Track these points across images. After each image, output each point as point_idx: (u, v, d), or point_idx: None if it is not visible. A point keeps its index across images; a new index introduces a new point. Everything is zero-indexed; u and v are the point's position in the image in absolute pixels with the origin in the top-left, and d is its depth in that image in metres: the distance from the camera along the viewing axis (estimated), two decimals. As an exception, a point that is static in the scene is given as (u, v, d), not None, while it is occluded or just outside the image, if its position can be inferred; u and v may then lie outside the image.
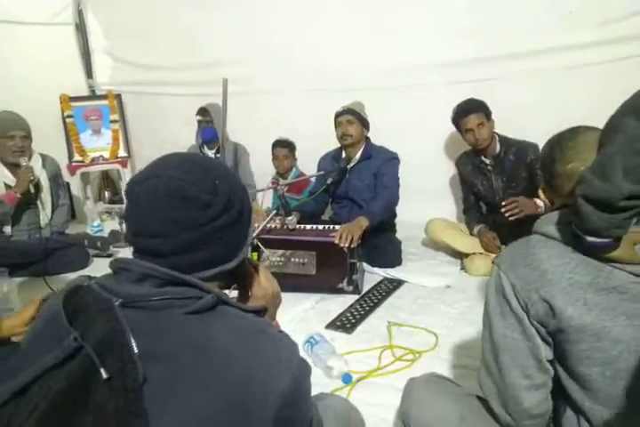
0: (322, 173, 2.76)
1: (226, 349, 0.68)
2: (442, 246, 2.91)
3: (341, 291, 2.33)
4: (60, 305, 0.70)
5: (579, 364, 0.92)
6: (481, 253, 2.64)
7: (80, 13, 4.12)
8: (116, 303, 0.68)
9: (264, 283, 0.98)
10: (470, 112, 2.56)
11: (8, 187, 2.69)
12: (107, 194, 4.29)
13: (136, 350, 0.63)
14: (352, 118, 2.64)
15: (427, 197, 3.10)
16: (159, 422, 0.61)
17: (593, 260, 0.90)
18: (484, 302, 1.05)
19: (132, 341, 0.64)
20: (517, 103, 3.02)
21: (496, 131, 2.69)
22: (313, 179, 3.13)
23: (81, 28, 4.16)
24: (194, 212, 0.74)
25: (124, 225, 3.17)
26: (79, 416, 0.61)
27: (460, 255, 2.79)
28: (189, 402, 0.63)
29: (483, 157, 2.67)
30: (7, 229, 2.72)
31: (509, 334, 0.98)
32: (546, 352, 0.97)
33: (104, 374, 0.61)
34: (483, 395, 1.08)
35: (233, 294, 0.95)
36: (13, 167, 2.71)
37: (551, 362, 0.98)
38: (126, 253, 2.99)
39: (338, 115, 2.68)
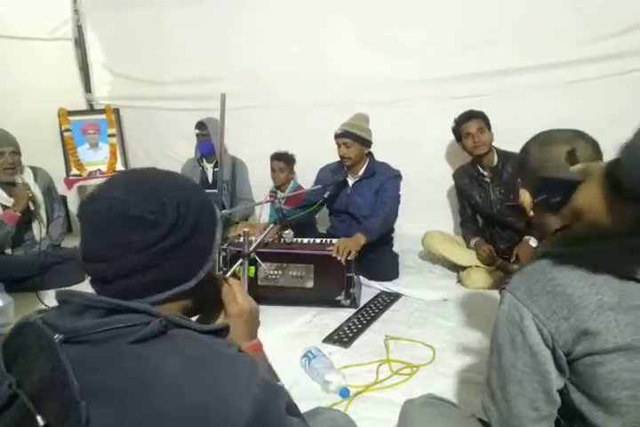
0: (319, 186, 2.77)
1: (174, 381, 0.63)
2: (438, 259, 2.92)
3: (339, 304, 2.33)
4: (3, 344, 0.67)
5: (607, 388, 0.88)
6: (477, 267, 2.66)
7: (79, 29, 4.18)
8: (57, 340, 0.64)
9: (240, 301, 0.91)
10: (471, 118, 2.64)
11: (5, 207, 2.66)
12: (104, 208, 4.28)
13: (78, 389, 0.60)
14: (349, 141, 2.64)
15: (424, 210, 3.11)
16: None
17: (614, 279, 0.88)
18: (492, 329, 1.00)
19: (73, 379, 0.61)
20: (516, 118, 3.07)
21: (494, 145, 2.73)
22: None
23: (80, 44, 4.21)
24: (138, 233, 0.70)
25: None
26: None
27: (456, 268, 2.80)
28: None
29: (481, 169, 2.70)
30: (8, 251, 2.72)
31: (519, 366, 0.93)
32: (558, 383, 0.93)
33: (40, 422, 0.59)
34: (485, 418, 1.07)
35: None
36: (7, 186, 2.68)
37: (560, 391, 0.95)
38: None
39: (336, 136, 2.68)
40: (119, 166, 4.00)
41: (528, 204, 1.08)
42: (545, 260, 0.96)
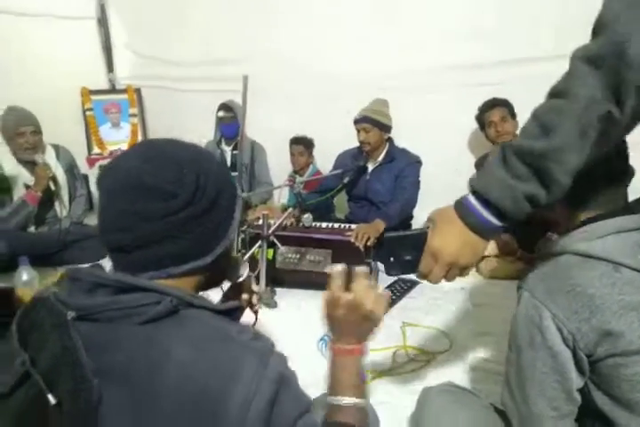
0: (339, 171, 2.76)
1: (182, 364, 0.63)
2: None
3: (356, 290, 2.33)
4: (15, 325, 0.67)
5: (631, 389, 0.86)
6: (496, 256, 2.63)
7: (102, 8, 4.16)
8: (69, 317, 0.64)
9: (379, 308, 0.94)
10: (495, 106, 2.57)
11: (27, 187, 2.69)
12: (124, 187, 4.32)
13: (89, 368, 0.60)
14: (368, 126, 2.61)
15: (443, 197, 3.05)
16: None
17: (636, 276, 0.86)
18: (511, 326, 0.99)
19: (85, 358, 0.61)
20: (529, 105, 3.00)
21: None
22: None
23: (103, 23, 4.20)
24: (155, 203, 0.69)
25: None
26: None
27: None
28: (148, 419, 0.61)
29: None
30: (31, 229, 2.75)
31: (539, 367, 0.92)
32: (577, 383, 0.92)
33: (52, 400, 0.59)
34: (505, 411, 1.06)
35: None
36: (29, 165, 2.70)
37: (580, 390, 0.93)
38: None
39: (355, 121, 2.65)
40: (140, 146, 4.01)
41: None
42: (564, 257, 0.94)
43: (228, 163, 3.38)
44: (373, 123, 2.60)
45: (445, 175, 3.22)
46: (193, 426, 0.61)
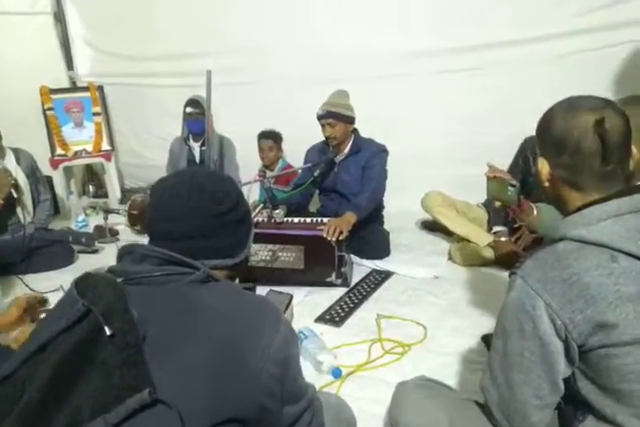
0: (309, 165, 2.72)
1: (214, 308, 0.78)
2: (433, 226, 2.98)
3: (330, 284, 2.32)
4: (72, 284, 0.79)
5: (621, 380, 0.86)
6: (469, 242, 2.64)
7: (58, 2, 4.00)
8: (119, 280, 0.79)
9: None
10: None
11: None
12: (91, 188, 4.19)
13: (136, 315, 0.72)
14: (332, 121, 2.56)
15: (416, 187, 3.07)
16: (159, 372, 0.69)
17: (633, 266, 0.84)
18: (499, 313, 0.97)
19: (133, 308, 0.73)
20: (509, 92, 3.03)
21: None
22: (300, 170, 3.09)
23: (60, 18, 4.04)
24: (209, 204, 0.88)
25: (108, 220, 3.11)
26: (86, 372, 0.69)
27: (449, 239, 2.82)
28: (184, 354, 0.72)
29: None
30: None
31: (527, 355, 0.90)
32: (565, 372, 0.90)
33: (107, 331, 0.70)
34: (480, 399, 1.05)
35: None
36: None
37: (565, 379, 0.92)
38: (111, 248, 2.96)
39: (318, 118, 2.60)
40: (105, 146, 3.90)
41: (545, 174, 1.00)
42: (561, 244, 0.91)
43: (197, 159, 3.31)
44: (337, 117, 2.55)
45: (417, 164, 3.24)
46: (228, 356, 0.74)
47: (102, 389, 0.67)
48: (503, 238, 2.48)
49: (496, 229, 2.56)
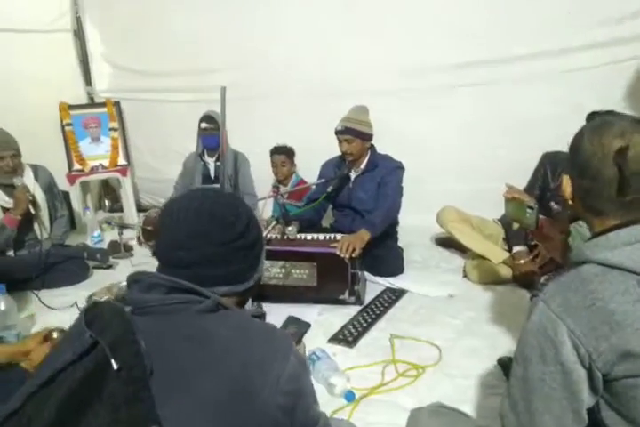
0: (322, 180, 2.72)
1: (224, 340, 0.77)
2: (447, 242, 2.96)
3: (343, 302, 2.30)
4: (81, 314, 0.79)
5: None
6: (484, 259, 2.60)
7: (78, 20, 4.10)
8: (127, 310, 0.79)
9: None
10: None
11: (5, 210, 2.61)
12: (106, 202, 4.26)
13: (144, 348, 0.72)
14: (350, 137, 2.55)
15: (430, 202, 3.04)
16: (165, 407, 0.69)
17: None
18: (519, 337, 0.93)
19: (141, 340, 0.72)
20: (522, 106, 3.02)
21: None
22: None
23: (79, 35, 4.14)
24: (218, 230, 0.86)
25: (123, 235, 3.14)
26: (93, 405, 0.68)
27: (464, 255, 2.80)
28: (192, 389, 0.71)
29: None
30: (10, 252, 2.67)
31: (548, 381, 0.86)
32: (588, 402, 0.87)
33: (115, 365, 0.69)
34: (499, 426, 1.01)
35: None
36: (7, 188, 2.62)
37: (589, 408, 0.89)
38: (126, 264, 2.99)
39: (336, 133, 2.60)
40: (121, 160, 3.95)
41: (568, 193, 0.99)
42: (585, 267, 0.88)
43: (212, 174, 3.33)
44: (355, 133, 2.55)
45: (431, 179, 3.22)
46: (238, 391, 0.73)
47: (109, 423, 0.67)
48: (522, 261, 2.44)
49: (515, 249, 2.52)
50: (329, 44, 3.38)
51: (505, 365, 1.72)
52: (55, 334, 1.48)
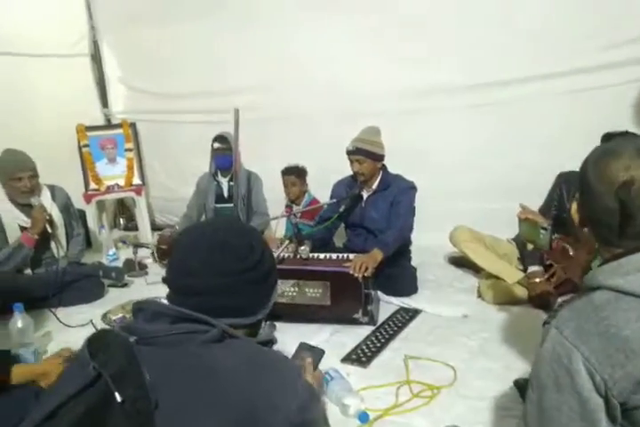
0: (334, 200, 2.75)
1: (230, 373, 0.75)
2: (460, 261, 2.95)
3: (356, 322, 2.30)
4: (85, 344, 0.79)
5: None
6: (498, 279, 2.60)
7: (95, 44, 4.25)
8: (132, 340, 0.77)
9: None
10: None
11: (23, 228, 2.67)
12: (121, 221, 4.33)
13: (148, 380, 0.71)
14: (361, 158, 2.59)
15: (443, 222, 3.06)
16: None
17: None
18: (533, 363, 0.92)
19: (145, 372, 0.72)
20: (535, 126, 3.05)
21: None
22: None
23: (96, 59, 4.28)
24: (230, 261, 0.86)
25: (137, 254, 3.19)
26: None
27: (477, 275, 2.79)
28: (198, 423, 0.71)
29: None
30: (27, 271, 2.73)
31: (565, 410, 0.85)
32: None
33: (118, 398, 0.68)
34: None
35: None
36: (25, 208, 2.69)
37: None
38: (140, 282, 3.03)
39: (347, 153, 2.64)
40: (136, 180, 4.04)
41: (576, 219, 0.99)
42: (597, 294, 0.87)
43: (225, 194, 3.38)
44: (366, 154, 2.59)
45: (442, 198, 3.24)
46: (245, 423, 0.72)
47: None
48: (537, 279, 2.42)
49: (531, 269, 2.50)
50: (342, 65, 3.46)
51: (521, 387, 1.71)
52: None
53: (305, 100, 3.59)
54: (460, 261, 3.04)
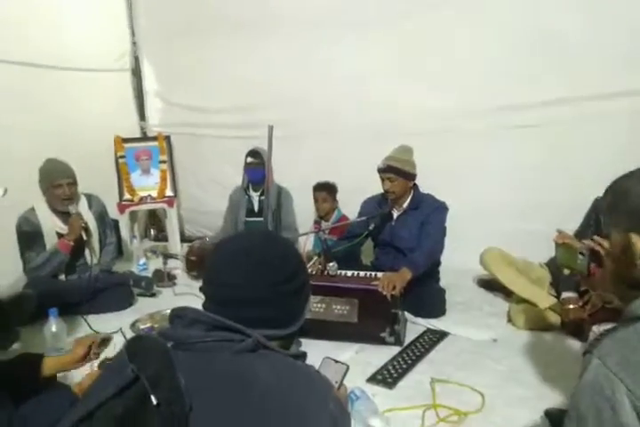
0: (364, 218, 2.77)
1: (262, 384, 0.76)
2: (491, 284, 2.93)
3: (383, 341, 2.29)
4: (124, 347, 0.82)
5: None
6: (530, 304, 2.55)
7: (136, 60, 4.43)
8: (169, 345, 0.80)
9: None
10: None
11: (60, 235, 2.77)
12: (152, 232, 4.43)
13: (184, 384, 0.73)
14: (393, 176, 2.61)
15: (473, 243, 3.03)
16: None
17: None
18: (572, 393, 0.90)
19: (181, 376, 0.73)
20: (570, 147, 3.02)
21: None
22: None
23: (137, 74, 4.45)
24: (266, 272, 0.88)
25: (167, 265, 3.26)
26: None
27: (508, 298, 2.76)
28: None
29: None
30: (62, 276, 2.82)
31: None
32: None
33: (154, 401, 0.70)
34: None
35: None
36: (63, 215, 2.80)
37: None
38: (169, 292, 3.08)
39: (379, 171, 2.66)
40: (169, 192, 4.13)
41: (619, 249, 0.97)
42: None
43: (256, 208, 3.44)
44: (398, 172, 2.61)
45: (473, 219, 3.21)
46: None
47: None
48: (572, 306, 2.37)
49: (565, 294, 2.44)
50: (375, 84, 3.50)
51: (553, 418, 1.67)
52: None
53: (337, 117, 3.65)
54: (491, 284, 3.00)
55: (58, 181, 2.73)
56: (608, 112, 2.95)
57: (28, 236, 2.74)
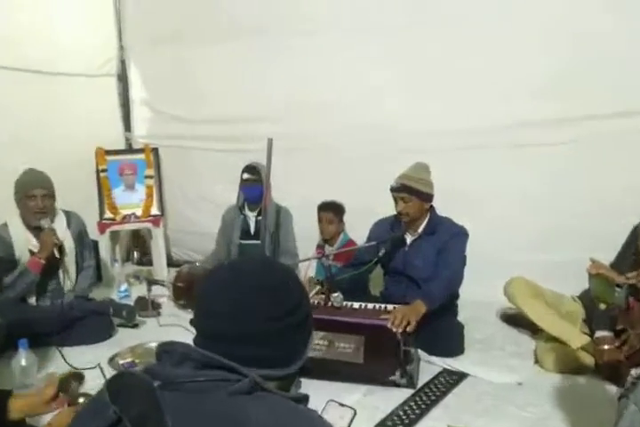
0: (373, 243, 2.77)
1: (262, 425, 0.76)
2: (516, 319, 2.95)
3: (393, 384, 2.28)
4: (105, 386, 0.81)
5: None
6: (560, 343, 2.54)
7: (123, 64, 4.53)
8: (156, 385, 0.78)
9: None
10: None
11: (32, 253, 2.78)
12: (135, 254, 4.45)
13: (170, 426, 0.72)
14: (406, 196, 2.60)
15: (493, 273, 3.04)
16: None
17: None
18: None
19: (168, 419, 0.73)
20: (603, 168, 3.05)
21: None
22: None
23: (123, 79, 4.55)
24: (266, 304, 0.86)
25: (151, 292, 3.27)
26: None
27: (535, 336, 2.76)
28: None
29: None
30: (32, 300, 2.83)
31: None
32: None
33: None
34: None
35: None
36: (36, 230, 2.81)
37: None
38: (153, 323, 3.08)
39: (391, 190, 2.66)
40: (155, 210, 4.17)
41: None
42: None
43: (252, 230, 3.45)
44: (412, 192, 2.61)
45: (493, 247, 3.22)
46: None
47: None
48: (607, 346, 2.35)
49: (599, 333, 2.40)
50: (386, 102, 3.56)
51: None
52: (81, 400, 1.55)
53: (342, 130, 3.68)
54: (515, 319, 3.00)
55: (31, 192, 2.76)
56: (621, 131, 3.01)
57: (-2, 254, 2.74)
